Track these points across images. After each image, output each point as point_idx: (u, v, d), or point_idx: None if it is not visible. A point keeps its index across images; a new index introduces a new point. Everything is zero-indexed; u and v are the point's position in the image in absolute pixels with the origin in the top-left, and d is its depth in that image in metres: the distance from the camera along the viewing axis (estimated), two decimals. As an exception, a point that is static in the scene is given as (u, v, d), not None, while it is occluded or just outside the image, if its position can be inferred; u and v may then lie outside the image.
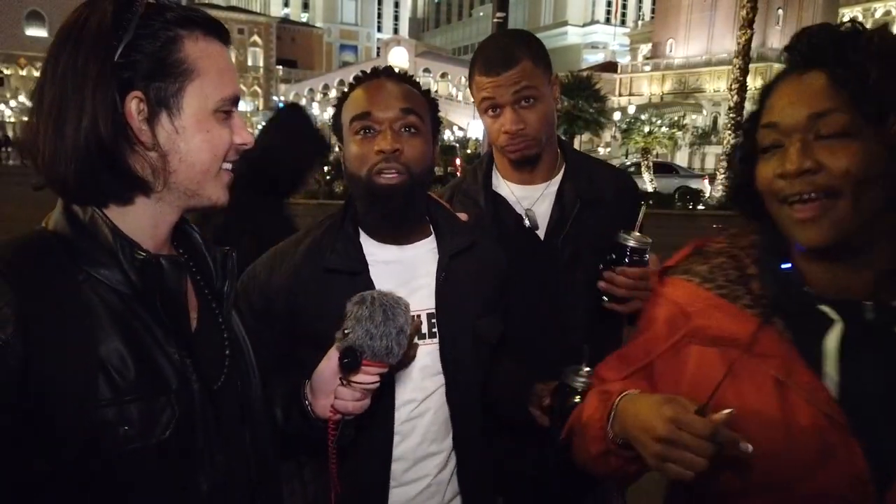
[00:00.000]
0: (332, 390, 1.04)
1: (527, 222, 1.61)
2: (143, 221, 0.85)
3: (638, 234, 1.40)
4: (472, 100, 1.66)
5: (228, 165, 0.90)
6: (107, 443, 0.76)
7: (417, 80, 1.34)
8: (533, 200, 1.64)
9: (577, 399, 1.17)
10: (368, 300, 0.98)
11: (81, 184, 0.80)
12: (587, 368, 1.20)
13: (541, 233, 1.62)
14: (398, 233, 1.30)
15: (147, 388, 0.79)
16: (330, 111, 1.44)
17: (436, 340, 1.26)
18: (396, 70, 1.32)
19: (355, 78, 1.32)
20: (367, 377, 1.00)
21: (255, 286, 1.30)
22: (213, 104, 0.85)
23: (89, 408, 0.75)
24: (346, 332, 0.98)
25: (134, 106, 0.80)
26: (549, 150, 1.64)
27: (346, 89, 1.32)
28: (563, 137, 1.79)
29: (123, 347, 0.79)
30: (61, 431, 0.74)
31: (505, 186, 1.67)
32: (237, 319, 1.01)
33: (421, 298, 1.26)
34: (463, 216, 1.49)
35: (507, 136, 1.55)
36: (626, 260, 1.39)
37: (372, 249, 1.30)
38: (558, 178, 1.66)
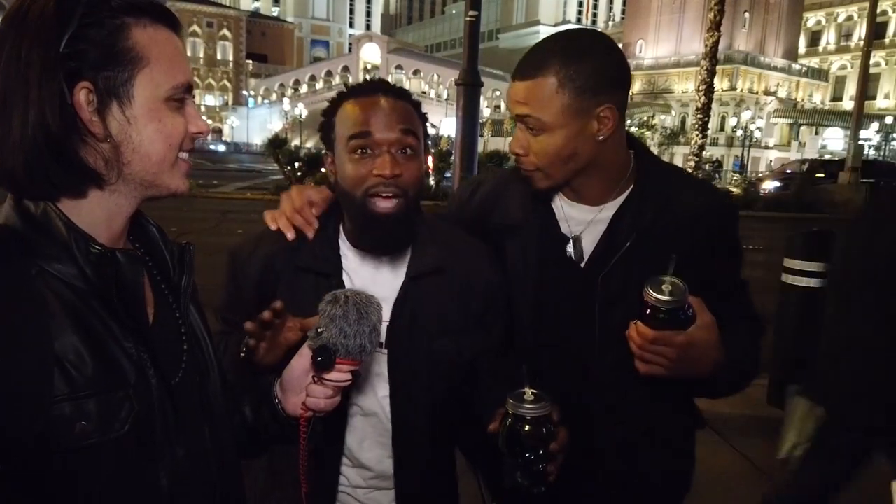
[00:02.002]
0: (303, 388, 1.04)
1: (569, 250, 1.37)
2: (97, 214, 0.84)
3: (664, 286, 1.16)
4: (445, 97, 1.55)
5: (185, 154, 0.88)
6: (63, 438, 0.75)
7: (413, 95, 1.31)
8: (584, 224, 1.37)
9: (527, 428, 1.08)
10: (342, 299, 0.98)
11: (31, 177, 0.79)
12: (529, 393, 1.11)
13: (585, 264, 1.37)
14: (392, 249, 1.30)
15: (104, 383, 0.78)
16: (300, 107, 1.43)
17: (385, 352, 1.28)
18: (393, 84, 1.30)
19: (350, 89, 1.28)
20: (340, 375, 1.01)
21: (234, 266, 1.34)
22: (165, 92, 0.83)
23: (44, 403, 0.74)
24: (319, 330, 0.98)
25: (83, 96, 0.78)
26: (600, 170, 1.34)
27: (335, 95, 1.30)
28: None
29: (79, 342, 0.77)
30: (15, 428, 0.73)
31: (558, 201, 1.40)
32: (195, 313, 1.00)
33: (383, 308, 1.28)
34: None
35: (514, 155, 1.34)
36: (642, 315, 1.19)
37: (349, 254, 1.31)
38: (619, 201, 1.36)
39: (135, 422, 0.80)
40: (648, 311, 1.17)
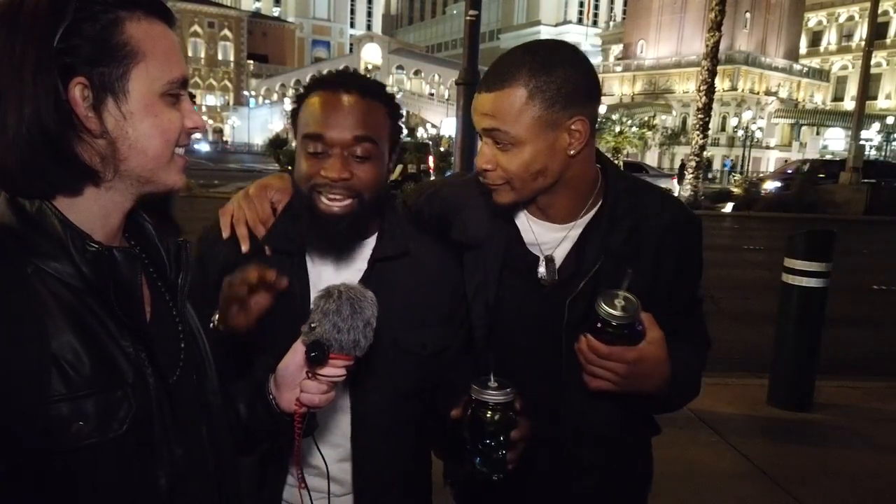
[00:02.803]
0: (297, 384, 1.03)
1: (541, 271, 1.33)
2: (93, 212, 0.83)
3: (617, 300, 1.16)
4: (445, 97, 1.49)
5: (181, 150, 0.88)
6: (62, 438, 0.75)
7: (383, 82, 1.27)
8: (552, 244, 1.33)
9: (489, 415, 1.10)
10: (335, 294, 0.97)
11: (27, 175, 0.78)
12: (493, 380, 1.11)
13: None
14: (338, 253, 1.28)
15: (102, 382, 0.78)
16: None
17: None
18: (361, 72, 1.26)
19: (315, 80, 1.25)
20: (334, 370, 1.00)
21: (202, 247, 1.32)
22: (161, 87, 0.83)
23: (42, 404, 0.73)
24: (312, 325, 0.97)
25: (78, 92, 0.77)
26: (569, 187, 1.29)
27: (304, 88, 1.27)
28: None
29: (76, 342, 0.77)
30: (14, 429, 0.72)
31: (524, 218, 1.35)
32: (191, 311, 0.99)
33: None
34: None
35: (480, 171, 1.27)
36: (592, 329, 1.19)
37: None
38: (586, 219, 1.32)
39: (133, 421, 0.79)
40: (599, 325, 1.17)
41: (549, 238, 1.33)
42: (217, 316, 1.19)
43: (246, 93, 76.82)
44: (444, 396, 1.26)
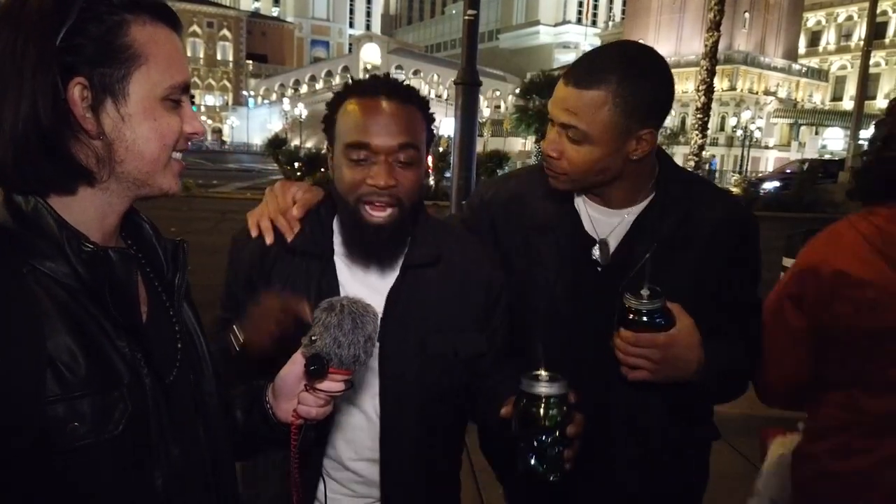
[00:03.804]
0: (295, 394, 1.02)
1: (595, 253, 1.35)
2: (89, 212, 0.83)
3: (643, 290, 1.19)
4: (444, 97, 1.50)
5: (179, 155, 0.88)
6: (58, 439, 0.75)
7: (419, 91, 1.27)
8: (608, 227, 1.36)
9: (542, 409, 1.05)
10: (337, 307, 0.96)
11: (20, 172, 0.78)
12: (545, 373, 1.07)
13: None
14: (380, 262, 1.27)
15: (98, 382, 0.78)
16: (300, 107, 1.41)
17: (377, 348, 1.23)
18: (397, 83, 1.25)
19: (354, 85, 1.25)
20: (333, 385, 0.99)
21: (233, 250, 1.33)
22: (162, 91, 0.83)
23: (38, 404, 0.73)
24: (313, 338, 0.96)
25: (77, 92, 0.77)
26: (626, 181, 1.33)
27: (340, 90, 1.27)
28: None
29: (72, 342, 0.76)
30: (10, 430, 0.72)
31: (582, 203, 1.39)
32: (189, 311, 0.99)
33: (375, 301, 1.26)
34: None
35: (545, 155, 1.32)
36: (623, 322, 1.20)
37: (342, 241, 1.30)
38: (641, 206, 1.35)
39: (129, 422, 0.79)
40: (630, 317, 1.20)
41: (604, 222, 1.36)
42: (241, 333, 1.19)
43: (245, 93, 76.77)
44: (487, 401, 1.24)
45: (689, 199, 1.35)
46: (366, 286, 1.26)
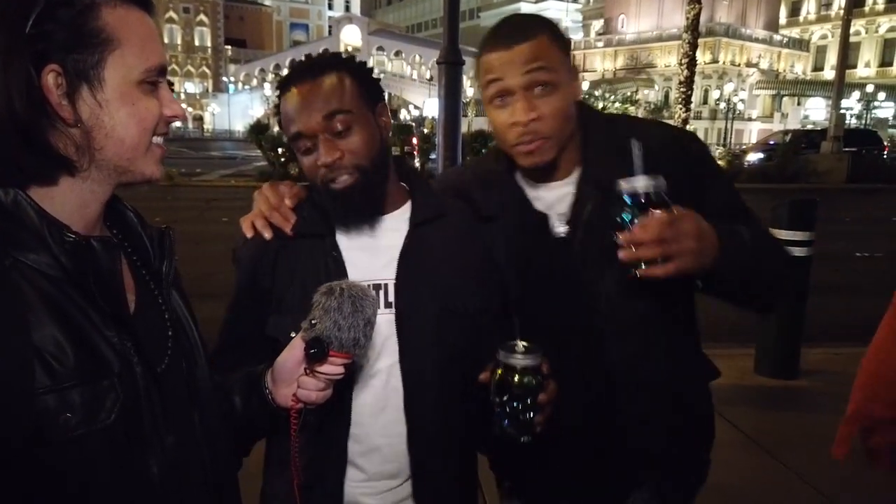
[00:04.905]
0: (294, 379, 1.03)
1: (557, 230, 1.35)
2: (70, 202, 0.82)
3: (643, 176, 1.13)
4: (427, 77, 1.50)
5: (160, 139, 0.87)
6: (50, 431, 0.74)
7: (337, 52, 1.29)
8: (553, 199, 1.37)
9: (517, 378, 1.11)
10: (337, 291, 0.97)
11: None
12: (521, 344, 1.13)
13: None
14: (365, 219, 1.29)
15: (88, 372, 0.77)
16: (283, 92, 1.39)
17: (392, 311, 1.24)
18: (313, 59, 1.24)
19: (279, 83, 1.26)
20: (333, 368, 1.00)
21: (236, 255, 1.34)
22: (138, 75, 0.81)
23: (27, 397, 0.73)
24: (312, 322, 0.97)
25: (51, 80, 0.76)
26: (570, 145, 1.34)
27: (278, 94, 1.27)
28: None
29: (59, 333, 0.76)
30: (2, 425, 0.72)
31: (526, 188, 1.40)
32: (178, 299, 0.98)
33: (384, 267, 1.26)
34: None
35: (517, 129, 1.26)
36: (640, 211, 1.12)
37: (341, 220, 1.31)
38: (579, 171, 1.36)
39: (121, 411, 0.79)
40: (642, 206, 1.11)
41: (553, 197, 1.37)
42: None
43: (225, 79, 75.81)
44: (480, 365, 1.25)
45: (617, 139, 1.30)
46: (368, 252, 1.27)
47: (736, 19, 51.07)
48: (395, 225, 1.29)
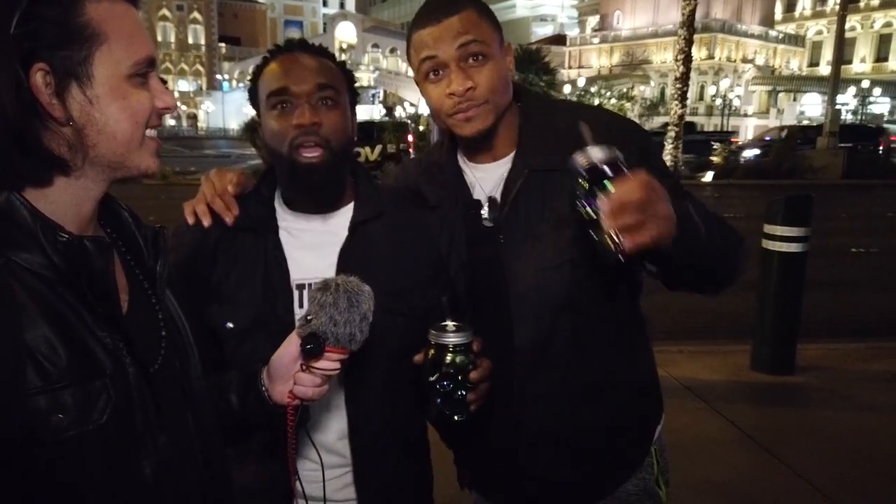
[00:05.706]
0: (290, 376, 1.03)
1: (485, 211, 1.35)
2: (64, 200, 0.81)
3: (598, 147, 1.02)
4: None
5: (153, 132, 0.86)
6: (42, 431, 0.74)
7: (332, 51, 1.32)
8: (492, 183, 1.36)
9: (448, 357, 1.12)
10: (332, 286, 0.97)
11: None
12: (451, 323, 1.14)
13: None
14: (321, 206, 1.30)
15: (80, 373, 0.77)
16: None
17: None
18: (312, 44, 1.30)
19: (269, 51, 1.30)
20: (329, 363, 1.00)
21: (174, 240, 1.30)
22: (127, 69, 0.81)
23: (19, 397, 0.72)
24: (308, 318, 0.97)
25: (40, 78, 0.75)
26: (508, 121, 1.34)
27: (258, 64, 1.31)
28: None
29: (51, 333, 0.75)
30: None
31: (464, 165, 1.41)
32: (172, 298, 0.98)
33: (327, 266, 1.25)
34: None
35: (453, 99, 1.27)
36: (607, 181, 1.00)
37: (285, 214, 1.31)
38: (515, 150, 1.36)
39: (113, 412, 0.78)
40: (608, 176, 1.00)
41: (489, 179, 1.37)
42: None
43: (219, 77, 75.54)
44: None
45: (553, 120, 1.34)
46: (312, 252, 1.27)
47: (732, 15, 51.10)
48: (342, 223, 1.29)
